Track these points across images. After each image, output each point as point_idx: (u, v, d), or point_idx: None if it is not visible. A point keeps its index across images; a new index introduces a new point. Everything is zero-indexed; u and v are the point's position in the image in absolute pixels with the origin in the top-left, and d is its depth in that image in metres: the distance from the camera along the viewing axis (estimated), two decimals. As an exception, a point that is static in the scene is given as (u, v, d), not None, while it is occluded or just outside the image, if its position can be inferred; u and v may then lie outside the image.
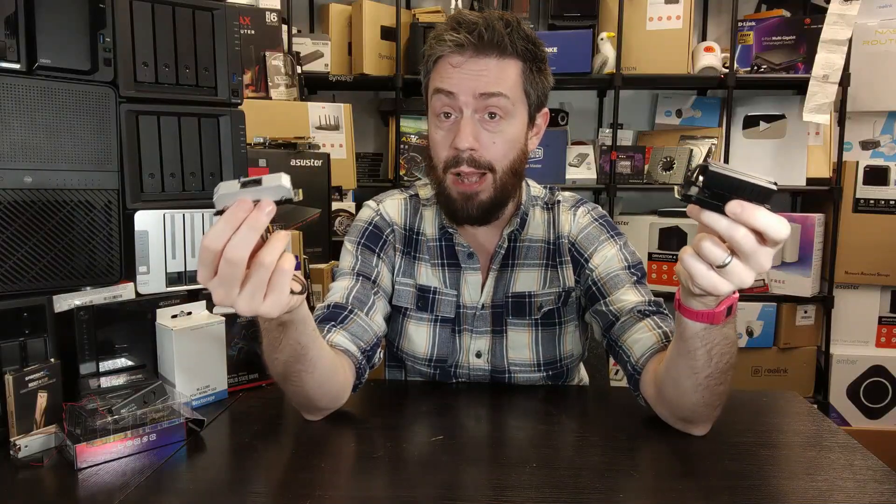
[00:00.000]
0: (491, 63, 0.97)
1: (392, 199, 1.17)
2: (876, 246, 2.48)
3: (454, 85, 0.97)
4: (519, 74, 0.99)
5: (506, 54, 0.97)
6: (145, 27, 1.00)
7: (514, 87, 0.99)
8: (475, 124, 0.98)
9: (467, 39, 0.95)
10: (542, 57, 1.02)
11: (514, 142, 1.01)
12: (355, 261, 1.10)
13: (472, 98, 0.97)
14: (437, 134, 1.02)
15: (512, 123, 1.00)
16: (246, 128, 1.12)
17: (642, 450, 0.85)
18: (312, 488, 0.74)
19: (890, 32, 2.50)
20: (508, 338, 1.10)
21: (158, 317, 0.99)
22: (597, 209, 1.15)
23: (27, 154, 0.89)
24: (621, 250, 1.08)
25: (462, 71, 0.97)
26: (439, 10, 2.61)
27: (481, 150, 0.99)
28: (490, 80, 0.97)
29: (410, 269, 1.13)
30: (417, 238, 1.14)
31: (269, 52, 2.22)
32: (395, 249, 1.13)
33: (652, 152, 2.61)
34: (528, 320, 1.10)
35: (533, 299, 1.10)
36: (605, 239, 1.09)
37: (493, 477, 0.77)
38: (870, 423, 2.56)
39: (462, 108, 0.98)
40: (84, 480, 0.76)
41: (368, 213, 1.16)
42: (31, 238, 0.90)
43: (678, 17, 2.43)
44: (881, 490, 0.74)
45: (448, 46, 0.97)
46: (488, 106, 0.97)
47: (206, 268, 0.65)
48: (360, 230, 1.13)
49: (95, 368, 0.94)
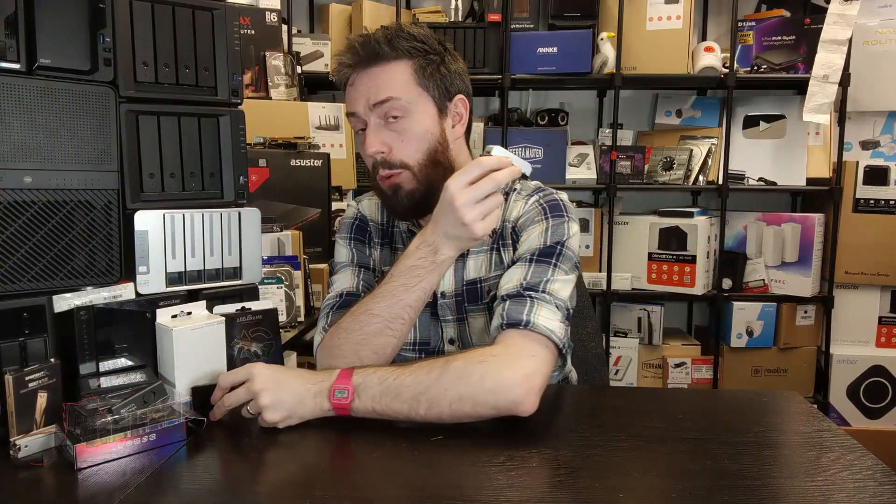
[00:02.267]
0: (376, 72, 1.04)
1: (369, 200, 1.23)
2: (876, 246, 2.48)
3: (352, 104, 1.06)
4: (408, 72, 1.04)
5: (388, 59, 1.04)
6: (145, 27, 1.00)
7: (406, 86, 1.04)
8: (379, 130, 1.05)
9: (350, 59, 1.05)
10: (435, 49, 1.06)
11: (424, 134, 1.06)
12: (351, 254, 1.17)
13: (368, 109, 1.04)
14: (360, 149, 1.09)
15: (415, 120, 1.05)
16: (246, 128, 1.12)
17: (642, 449, 0.85)
18: (312, 488, 0.74)
19: (890, 32, 2.50)
20: (469, 325, 1.13)
21: (158, 317, 0.99)
22: (549, 195, 1.11)
23: (27, 154, 0.89)
24: (546, 231, 1.05)
25: (356, 88, 1.06)
26: (439, 10, 2.61)
27: (392, 151, 1.05)
28: (379, 88, 1.03)
29: (389, 257, 1.18)
30: (393, 231, 1.19)
31: (269, 52, 2.22)
32: (375, 242, 1.20)
33: (652, 152, 2.61)
34: (481, 305, 1.12)
35: (483, 284, 1.11)
36: (538, 220, 1.07)
37: (493, 477, 0.77)
38: (870, 423, 2.56)
39: (366, 121, 1.05)
40: (84, 480, 0.76)
41: (352, 211, 1.23)
42: (31, 238, 0.90)
43: (678, 17, 2.43)
44: (881, 490, 0.74)
45: (340, 71, 1.07)
46: (386, 111, 1.04)
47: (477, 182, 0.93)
48: (348, 226, 1.21)
49: (95, 368, 0.94)
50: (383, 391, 0.89)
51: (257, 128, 1.88)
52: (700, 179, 2.55)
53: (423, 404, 0.88)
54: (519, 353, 0.92)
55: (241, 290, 1.12)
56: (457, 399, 0.87)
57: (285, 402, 0.89)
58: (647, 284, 2.62)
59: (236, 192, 1.10)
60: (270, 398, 0.89)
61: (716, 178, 2.56)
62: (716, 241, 2.60)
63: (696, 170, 2.55)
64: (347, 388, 0.90)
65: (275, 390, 0.90)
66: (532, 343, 0.94)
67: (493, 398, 0.87)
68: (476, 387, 0.87)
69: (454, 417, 0.88)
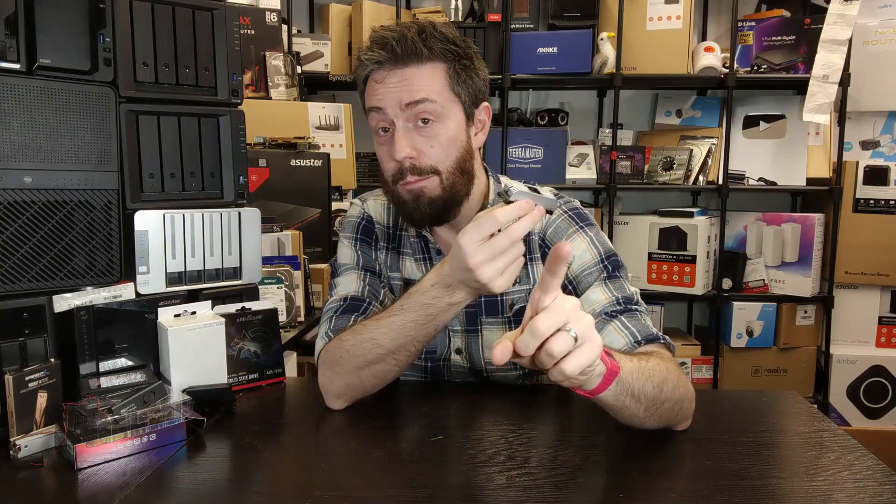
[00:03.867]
0: (411, 72, 0.99)
1: (374, 200, 1.19)
2: (876, 246, 2.48)
3: (381, 100, 1.00)
4: (444, 76, 1.01)
5: (424, 60, 0.99)
6: (145, 27, 1.00)
7: (441, 90, 1.00)
8: (409, 133, 1.00)
9: (382, 55, 0.99)
10: (467, 55, 1.03)
11: (453, 141, 1.02)
12: (356, 256, 1.12)
13: (399, 109, 0.99)
14: (380, 150, 1.04)
15: (446, 125, 1.01)
16: (246, 128, 1.12)
17: (643, 450, 0.85)
18: (312, 488, 0.74)
19: (890, 32, 2.50)
20: (483, 337, 1.11)
21: (160, 316, 0.99)
22: (569, 202, 1.12)
23: (27, 154, 0.89)
24: (592, 243, 1.06)
25: (386, 86, 1.00)
26: (439, 10, 2.61)
27: (420, 156, 1.00)
28: (413, 89, 0.99)
29: (396, 263, 1.15)
30: (400, 234, 1.16)
31: (269, 52, 2.22)
32: (381, 246, 1.16)
33: (652, 152, 2.61)
34: (502, 318, 1.11)
35: (504, 297, 1.10)
36: (574, 231, 1.07)
37: (494, 477, 0.77)
38: (870, 423, 2.56)
39: (394, 121, 1.00)
40: (84, 480, 0.76)
41: (357, 210, 1.18)
42: (31, 238, 0.90)
43: (678, 17, 2.43)
44: (881, 490, 0.74)
45: (368, 65, 1.01)
46: (418, 113, 0.99)
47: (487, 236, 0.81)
48: (353, 225, 1.16)
49: (95, 368, 0.94)
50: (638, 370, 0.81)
51: (257, 128, 1.88)
52: (700, 179, 2.55)
53: (664, 393, 0.84)
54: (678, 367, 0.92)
55: (241, 290, 1.12)
56: (680, 399, 0.87)
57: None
58: (647, 284, 2.62)
59: (236, 192, 1.10)
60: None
61: (716, 178, 2.56)
62: (716, 241, 2.60)
63: (696, 170, 2.55)
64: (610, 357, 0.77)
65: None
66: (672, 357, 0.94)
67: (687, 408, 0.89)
68: (684, 394, 0.88)
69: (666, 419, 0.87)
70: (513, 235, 0.79)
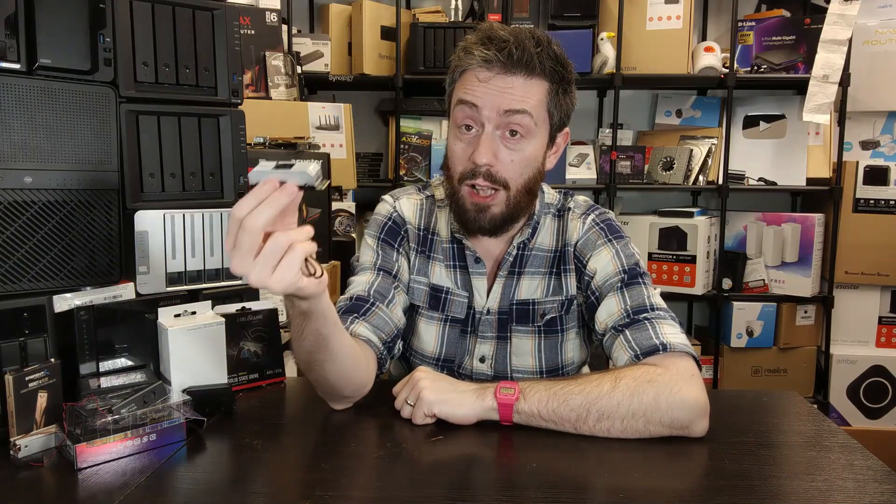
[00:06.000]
0: (517, 81, 0.97)
1: (408, 199, 1.17)
2: (876, 246, 2.48)
3: (479, 99, 0.98)
4: (544, 94, 0.99)
5: (533, 73, 0.98)
6: (145, 27, 1.00)
7: (538, 107, 0.99)
8: (495, 140, 0.99)
9: (496, 56, 0.96)
10: (569, 78, 1.02)
11: (532, 160, 1.01)
12: (376, 256, 1.11)
13: (495, 114, 0.97)
14: (457, 145, 1.02)
15: (532, 142, 1.00)
16: (246, 128, 1.12)
17: (642, 450, 0.85)
18: (312, 488, 0.74)
19: (890, 32, 2.50)
20: (513, 344, 1.11)
21: (160, 316, 0.99)
22: (602, 214, 1.13)
23: (27, 154, 0.89)
24: (617, 255, 1.07)
25: (488, 86, 0.97)
26: (439, 9, 2.61)
27: (498, 166, 0.99)
28: (515, 98, 0.97)
29: (424, 267, 1.14)
30: (432, 238, 1.14)
31: (269, 52, 2.21)
32: (410, 247, 1.14)
33: (652, 152, 2.61)
34: (532, 327, 1.11)
35: (536, 307, 1.11)
36: (601, 244, 1.08)
37: (494, 477, 0.77)
38: (870, 423, 2.56)
39: (484, 123, 0.98)
40: (84, 480, 0.76)
41: (386, 209, 1.16)
42: (31, 238, 0.90)
43: (678, 17, 2.43)
44: (881, 490, 0.74)
45: (476, 60, 0.97)
46: (510, 123, 0.98)
47: (231, 236, 0.71)
48: (379, 224, 1.14)
49: (95, 368, 0.94)
50: (550, 396, 0.88)
51: (257, 128, 1.87)
52: (700, 179, 2.54)
53: (592, 415, 0.87)
54: (680, 375, 0.90)
55: (241, 290, 1.12)
56: (629, 415, 0.86)
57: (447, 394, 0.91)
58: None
59: (236, 192, 1.10)
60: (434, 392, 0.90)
61: (716, 178, 2.55)
62: (716, 241, 2.60)
63: (696, 170, 2.55)
64: (514, 388, 0.90)
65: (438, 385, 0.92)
66: (681, 362, 0.92)
67: (668, 417, 0.87)
68: (650, 405, 0.86)
69: (623, 433, 0.87)
70: (249, 228, 0.69)
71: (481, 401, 0.90)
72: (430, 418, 0.90)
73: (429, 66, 2.43)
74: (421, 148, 2.59)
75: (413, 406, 0.91)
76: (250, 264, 0.70)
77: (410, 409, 0.91)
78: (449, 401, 0.90)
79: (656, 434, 0.88)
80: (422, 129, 2.59)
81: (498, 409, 0.89)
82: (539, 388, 0.90)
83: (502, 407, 0.89)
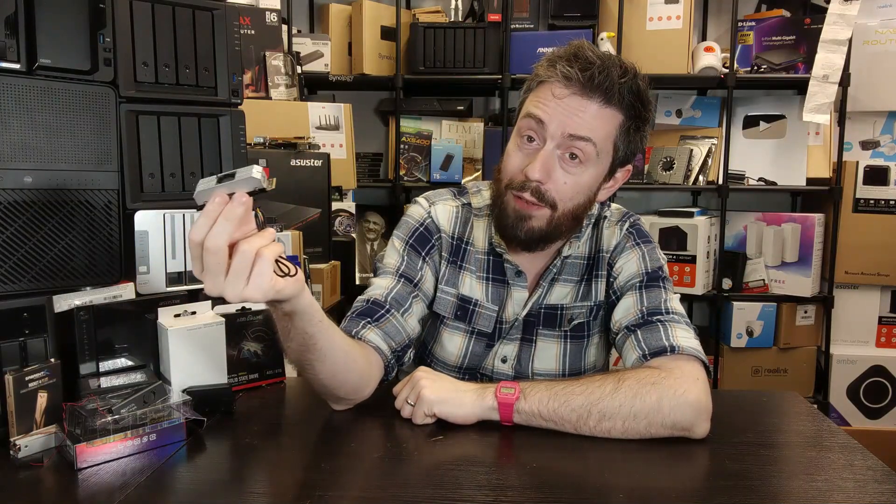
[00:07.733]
0: (592, 106, 0.96)
1: (444, 205, 1.14)
2: (876, 246, 2.48)
3: (547, 115, 0.96)
4: (616, 126, 0.98)
5: (610, 103, 0.96)
6: (145, 27, 1.00)
7: (605, 138, 0.98)
8: (553, 159, 0.98)
9: (577, 75, 0.94)
10: (645, 117, 1.00)
11: (585, 188, 1.00)
12: (400, 261, 1.09)
13: (559, 133, 0.96)
14: (515, 154, 1.01)
15: (589, 170, 0.99)
16: (246, 128, 1.12)
17: (642, 450, 0.85)
18: (312, 488, 0.74)
19: (890, 32, 2.50)
20: (537, 347, 1.12)
21: (160, 316, 0.99)
22: (635, 219, 1.14)
23: (27, 154, 0.89)
24: (643, 258, 1.07)
25: (560, 104, 0.96)
26: (439, 9, 2.61)
27: (550, 185, 0.98)
28: (583, 123, 0.95)
29: (455, 277, 1.12)
30: (466, 248, 1.12)
31: (269, 52, 2.22)
32: (441, 256, 1.12)
33: (652, 152, 2.60)
34: (558, 332, 1.11)
35: (564, 311, 1.11)
36: (629, 247, 1.09)
37: (494, 477, 0.77)
38: (870, 423, 2.56)
39: (547, 139, 0.97)
40: (84, 480, 0.76)
41: (420, 213, 1.13)
42: (31, 238, 0.90)
43: (678, 17, 2.43)
44: (881, 490, 0.74)
45: (556, 75, 0.96)
46: (572, 146, 0.97)
47: (196, 261, 0.71)
48: (410, 229, 1.12)
49: (95, 368, 0.94)
50: (551, 396, 0.88)
51: (257, 128, 1.88)
52: (700, 179, 2.54)
53: (594, 415, 0.87)
54: (684, 377, 0.90)
55: (241, 290, 1.11)
56: (631, 416, 0.86)
57: (448, 394, 0.91)
58: (647, 284, 2.62)
59: (236, 192, 1.10)
60: (434, 392, 0.90)
61: (716, 178, 2.55)
62: (716, 241, 2.60)
63: (696, 170, 2.55)
64: (515, 387, 0.90)
65: (438, 384, 0.92)
66: (688, 365, 0.92)
67: (670, 419, 0.87)
68: (652, 407, 0.86)
69: (624, 434, 0.87)
70: (213, 248, 0.68)
71: (482, 400, 0.90)
72: (430, 418, 0.91)
73: (429, 66, 2.43)
74: (421, 148, 2.59)
75: (413, 406, 0.91)
76: (223, 283, 0.70)
77: (411, 408, 0.91)
78: (449, 400, 0.90)
79: (657, 435, 0.88)
80: (422, 129, 2.59)
81: (498, 409, 0.89)
82: (540, 387, 0.90)
83: (503, 406, 0.89)
